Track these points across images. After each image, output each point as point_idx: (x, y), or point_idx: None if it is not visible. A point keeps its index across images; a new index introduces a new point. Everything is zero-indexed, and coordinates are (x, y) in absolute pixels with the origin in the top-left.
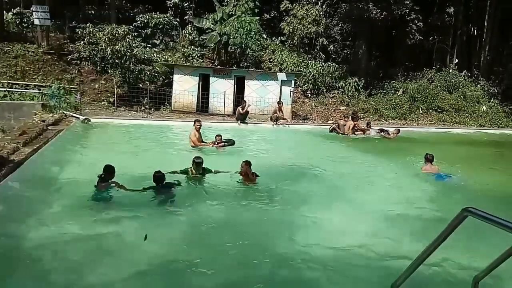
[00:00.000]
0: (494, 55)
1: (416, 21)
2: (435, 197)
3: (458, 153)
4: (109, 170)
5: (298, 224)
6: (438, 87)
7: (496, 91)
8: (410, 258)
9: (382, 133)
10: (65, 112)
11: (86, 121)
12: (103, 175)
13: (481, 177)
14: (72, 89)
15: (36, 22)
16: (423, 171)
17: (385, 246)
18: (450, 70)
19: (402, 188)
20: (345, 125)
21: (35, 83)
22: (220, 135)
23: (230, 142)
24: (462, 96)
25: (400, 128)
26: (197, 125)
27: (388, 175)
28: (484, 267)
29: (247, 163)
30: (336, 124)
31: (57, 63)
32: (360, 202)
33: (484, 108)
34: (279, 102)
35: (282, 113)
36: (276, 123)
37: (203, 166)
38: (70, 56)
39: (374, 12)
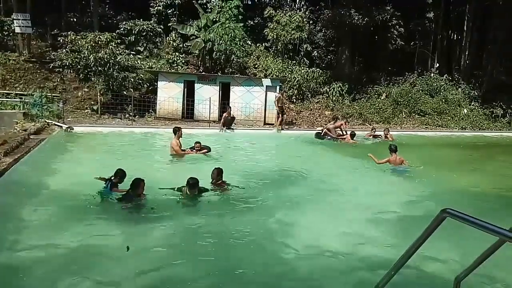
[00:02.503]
0: (473, 59)
1: (397, 27)
2: (414, 198)
3: (436, 155)
4: (121, 175)
5: (279, 229)
6: (420, 91)
7: (476, 94)
8: (393, 259)
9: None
10: (47, 121)
11: (69, 129)
12: (112, 178)
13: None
14: (55, 97)
15: (17, 30)
16: (390, 162)
17: (367, 248)
18: (432, 74)
19: (381, 190)
20: (336, 128)
21: (16, 92)
22: (199, 142)
23: (207, 149)
24: (443, 100)
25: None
26: (180, 133)
27: (364, 176)
28: (465, 267)
29: (219, 170)
30: (326, 130)
31: (39, 71)
32: (341, 206)
33: (465, 111)
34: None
35: (283, 113)
36: (278, 125)
37: (199, 186)
38: (52, 64)
39: (356, 18)
